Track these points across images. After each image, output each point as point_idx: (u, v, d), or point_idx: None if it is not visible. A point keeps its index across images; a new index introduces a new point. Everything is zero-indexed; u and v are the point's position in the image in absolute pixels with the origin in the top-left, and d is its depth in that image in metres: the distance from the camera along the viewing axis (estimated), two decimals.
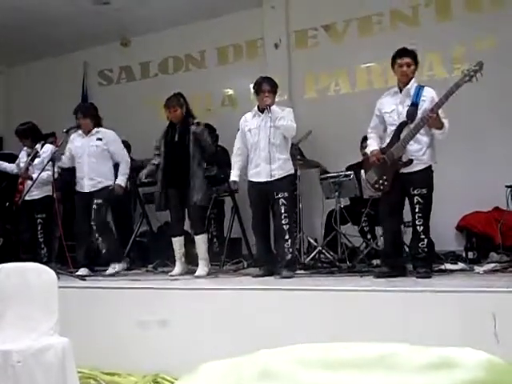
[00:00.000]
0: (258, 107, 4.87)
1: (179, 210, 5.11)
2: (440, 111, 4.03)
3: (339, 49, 6.86)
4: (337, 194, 5.38)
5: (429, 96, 4.18)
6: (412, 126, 4.14)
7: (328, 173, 5.73)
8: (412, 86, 4.25)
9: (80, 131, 5.53)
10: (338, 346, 0.63)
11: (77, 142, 5.52)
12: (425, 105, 4.16)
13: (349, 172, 5.42)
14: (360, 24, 6.82)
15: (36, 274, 3.07)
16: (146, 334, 3.87)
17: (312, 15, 7.01)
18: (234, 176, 4.92)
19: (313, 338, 3.18)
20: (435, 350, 0.61)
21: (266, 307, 3.63)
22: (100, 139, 5.46)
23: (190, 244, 5.20)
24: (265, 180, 4.72)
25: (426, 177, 4.18)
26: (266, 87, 4.80)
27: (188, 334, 3.75)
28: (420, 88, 4.24)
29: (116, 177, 5.48)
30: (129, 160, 5.60)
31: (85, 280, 4.85)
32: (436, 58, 6.28)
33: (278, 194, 4.66)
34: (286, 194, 4.67)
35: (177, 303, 3.95)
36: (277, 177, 4.69)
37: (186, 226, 5.32)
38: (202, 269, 4.94)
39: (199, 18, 7.38)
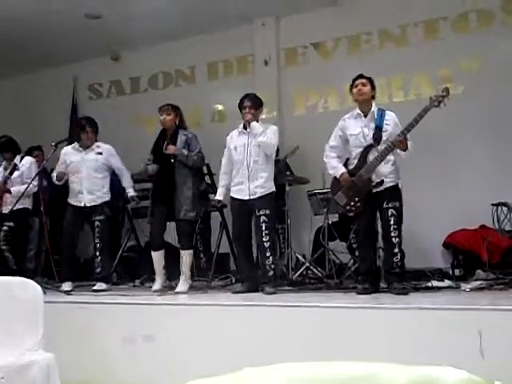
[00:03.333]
0: (244, 125, 4.90)
1: (161, 223, 5.07)
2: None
3: (328, 66, 6.92)
4: (325, 210, 5.39)
5: (392, 120, 4.36)
6: (382, 148, 4.27)
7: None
8: (374, 109, 4.39)
9: (76, 145, 5.45)
10: (322, 365, 0.64)
11: (74, 157, 5.42)
12: (389, 128, 4.32)
13: None
14: (349, 42, 6.90)
15: (21, 289, 3.03)
16: (133, 349, 3.84)
17: (302, 33, 7.08)
18: (219, 195, 4.99)
19: (299, 354, 3.19)
20: (417, 368, 0.62)
21: (253, 323, 3.63)
22: (100, 153, 5.43)
23: (174, 259, 5.16)
24: (246, 198, 4.75)
25: (396, 192, 4.35)
26: (246, 103, 4.86)
27: (174, 350, 3.73)
28: (382, 112, 4.40)
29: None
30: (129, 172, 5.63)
31: (71, 295, 4.81)
32: (423, 77, 6.36)
33: (259, 211, 4.69)
34: (267, 212, 4.69)
35: (163, 318, 3.93)
36: (258, 195, 4.73)
37: (172, 240, 5.31)
38: (182, 284, 4.91)
39: (190, 33, 7.42)
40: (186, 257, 5.00)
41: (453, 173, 6.00)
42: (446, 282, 4.66)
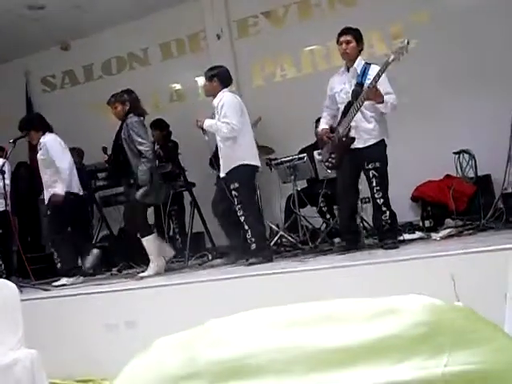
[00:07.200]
0: None
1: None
2: (382, 88, 4.07)
3: (281, 34, 6.89)
4: (292, 177, 5.42)
5: (373, 74, 4.15)
6: (355, 104, 4.20)
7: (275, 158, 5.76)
8: (359, 64, 4.27)
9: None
10: (287, 307, 0.66)
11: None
12: (369, 83, 4.15)
13: (302, 155, 5.47)
14: (299, 8, 6.87)
15: None
16: (116, 336, 3.84)
17: (251, 3, 7.02)
18: None
19: None
20: (380, 300, 0.64)
21: (234, 295, 3.65)
22: (41, 149, 5.26)
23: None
24: (221, 175, 4.75)
25: (378, 151, 4.24)
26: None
27: (158, 332, 3.72)
28: (366, 66, 4.25)
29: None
30: (64, 165, 5.19)
31: (48, 290, 4.77)
32: (375, 35, 6.38)
33: (229, 187, 4.64)
34: (236, 185, 4.59)
35: (144, 302, 3.93)
36: (224, 172, 4.70)
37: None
38: (147, 270, 4.88)
39: (138, 15, 7.29)
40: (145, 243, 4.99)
41: (413, 126, 6.06)
42: (417, 234, 4.75)
